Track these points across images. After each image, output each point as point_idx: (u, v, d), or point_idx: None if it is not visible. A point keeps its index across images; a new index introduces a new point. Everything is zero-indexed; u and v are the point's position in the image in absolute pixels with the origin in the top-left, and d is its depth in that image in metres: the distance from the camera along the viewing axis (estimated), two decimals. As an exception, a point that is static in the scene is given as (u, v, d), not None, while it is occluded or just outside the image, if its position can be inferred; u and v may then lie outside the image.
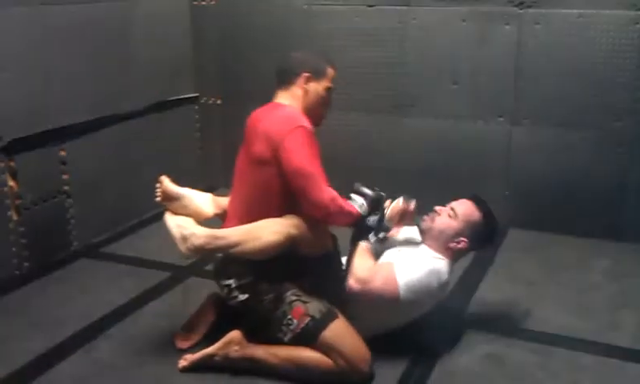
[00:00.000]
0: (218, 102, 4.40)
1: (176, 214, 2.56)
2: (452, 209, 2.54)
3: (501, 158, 3.76)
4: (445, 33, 3.73)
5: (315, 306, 2.34)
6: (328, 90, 2.56)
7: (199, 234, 2.37)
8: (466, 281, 3.08)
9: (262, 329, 2.43)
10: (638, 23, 3.35)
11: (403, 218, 2.57)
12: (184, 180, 4.31)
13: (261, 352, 2.38)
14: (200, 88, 4.40)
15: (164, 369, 2.44)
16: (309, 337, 2.32)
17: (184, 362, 2.43)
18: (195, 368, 2.41)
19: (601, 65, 3.46)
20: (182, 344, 2.57)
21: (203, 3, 4.26)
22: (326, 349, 2.31)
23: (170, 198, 2.58)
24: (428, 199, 2.67)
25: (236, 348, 2.39)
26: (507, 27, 3.60)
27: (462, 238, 2.51)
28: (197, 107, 4.42)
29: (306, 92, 2.52)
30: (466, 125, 3.78)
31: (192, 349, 2.52)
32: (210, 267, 3.26)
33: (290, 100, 2.54)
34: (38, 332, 2.69)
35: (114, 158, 3.76)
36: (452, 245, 2.51)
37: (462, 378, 2.43)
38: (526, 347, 2.61)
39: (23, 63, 3.14)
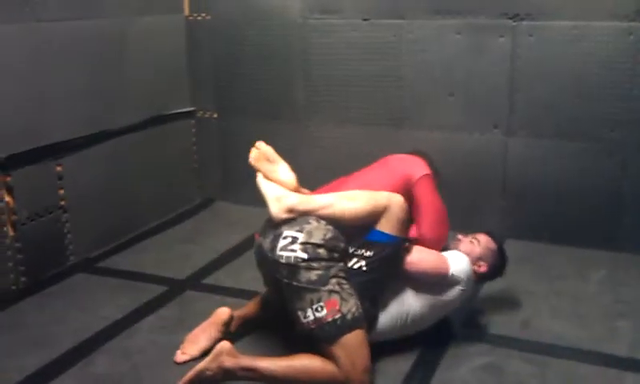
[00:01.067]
0: (215, 116, 4.41)
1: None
2: (475, 238, 2.81)
3: (497, 169, 3.77)
4: (440, 46, 3.75)
5: (350, 307, 2.33)
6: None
7: (291, 194, 2.49)
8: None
9: (287, 304, 2.41)
10: (631, 34, 3.37)
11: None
12: (180, 193, 4.36)
13: (258, 361, 2.33)
14: (196, 102, 4.41)
15: (162, 382, 2.43)
16: (330, 333, 2.30)
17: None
18: None
19: (594, 76, 3.47)
20: (180, 357, 2.56)
21: (198, 18, 4.28)
22: (338, 352, 2.29)
23: (267, 158, 2.64)
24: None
25: (228, 358, 2.31)
26: (501, 39, 3.62)
27: (483, 263, 2.75)
28: (193, 121, 4.43)
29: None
30: (462, 136, 3.79)
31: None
32: (207, 280, 3.30)
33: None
34: (34, 348, 2.68)
35: (111, 173, 3.76)
36: (474, 267, 2.71)
37: (461, 381, 2.42)
38: (523, 357, 2.61)
39: (19, 79, 3.15)
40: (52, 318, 2.94)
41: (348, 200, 2.47)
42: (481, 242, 2.80)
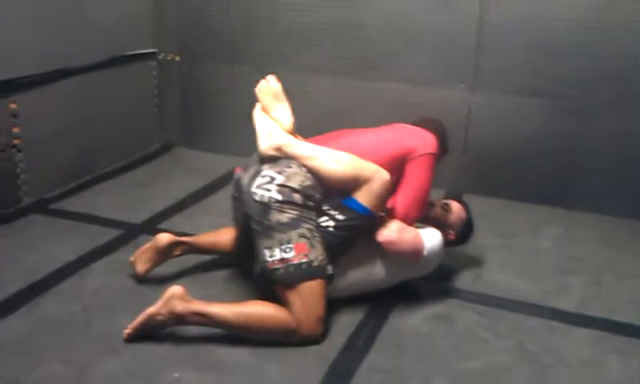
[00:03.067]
0: (177, 58, 4.31)
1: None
2: (446, 204, 2.82)
3: (460, 125, 3.77)
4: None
5: (317, 255, 2.34)
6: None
7: (284, 134, 2.49)
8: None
9: (254, 241, 2.41)
10: (600, -4, 3.37)
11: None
12: (140, 137, 4.28)
13: (210, 306, 2.31)
14: (159, 44, 4.31)
15: (111, 326, 2.41)
16: (293, 276, 2.31)
17: (128, 330, 2.32)
18: (141, 333, 2.32)
19: (561, 33, 3.46)
20: (141, 268, 2.67)
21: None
22: (294, 298, 2.30)
23: (273, 93, 2.62)
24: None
25: (179, 302, 2.29)
26: (470, -8, 3.58)
27: (452, 232, 2.78)
28: (155, 64, 4.33)
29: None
30: (428, 90, 3.77)
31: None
32: (163, 225, 3.27)
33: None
34: (-18, 288, 2.63)
35: (69, 113, 3.67)
36: (443, 234, 2.70)
37: (410, 338, 2.45)
38: (474, 309, 2.65)
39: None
40: (2, 257, 2.89)
41: (335, 160, 2.44)
42: (453, 211, 2.81)
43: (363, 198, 2.43)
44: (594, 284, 2.89)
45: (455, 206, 2.84)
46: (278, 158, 2.46)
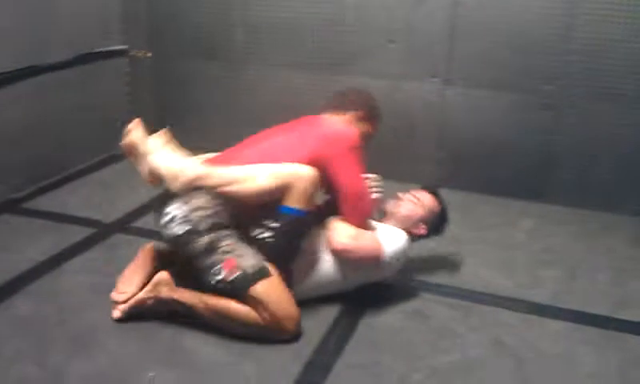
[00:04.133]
0: (149, 55, 4.26)
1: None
2: (417, 198, 2.73)
3: (433, 118, 3.78)
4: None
5: (248, 261, 2.33)
6: (369, 136, 2.72)
7: (190, 170, 2.42)
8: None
9: (193, 273, 2.40)
10: (569, -13, 3.39)
11: None
12: (112, 135, 4.21)
13: (189, 296, 2.36)
14: (129, 40, 4.25)
15: (84, 325, 2.39)
16: (236, 290, 2.31)
17: (118, 312, 2.41)
18: (129, 315, 2.40)
19: (534, 27, 3.49)
20: (118, 297, 2.48)
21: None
22: (254, 303, 2.30)
23: (135, 150, 2.58)
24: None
25: (165, 289, 2.37)
26: (443, -13, 3.59)
27: (423, 226, 2.70)
28: (126, 60, 4.28)
29: (358, 125, 2.68)
30: (401, 84, 3.77)
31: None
32: (136, 224, 3.23)
33: (341, 124, 2.67)
34: (-49, 289, 2.58)
35: (39, 111, 3.62)
36: (414, 230, 2.67)
37: (386, 334, 2.45)
38: (449, 303, 2.66)
39: None
40: (-29, 259, 2.84)
41: (252, 178, 2.39)
42: (425, 204, 2.72)
43: (292, 201, 2.39)
44: (568, 277, 2.92)
45: (426, 197, 2.75)
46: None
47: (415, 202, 2.71)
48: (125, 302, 2.44)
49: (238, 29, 4.02)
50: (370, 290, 2.66)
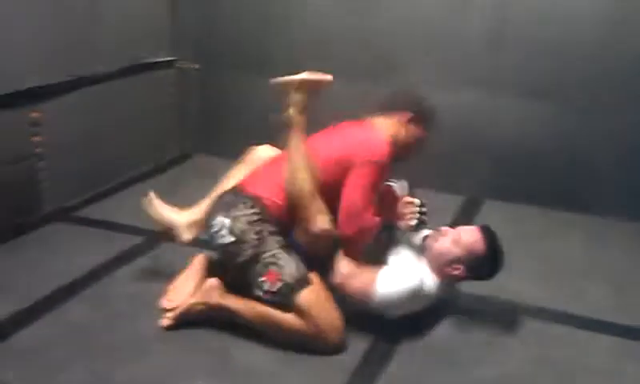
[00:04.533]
0: (196, 66, 4.34)
1: None
2: (459, 234, 2.49)
3: (476, 129, 3.76)
4: (421, 1, 3.73)
5: (289, 272, 2.35)
6: (418, 141, 2.65)
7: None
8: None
9: (241, 285, 2.44)
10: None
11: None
12: (160, 144, 4.31)
13: (237, 302, 2.41)
14: (177, 52, 4.34)
15: (133, 333, 2.44)
16: (281, 300, 2.33)
17: (167, 320, 2.47)
18: (178, 324, 2.46)
19: (576, 36, 3.47)
20: (168, 304, 2.53)
21: (182, -34, 4.19)
22: (299, 312, 2.31)
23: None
24: (400, 172, 2.68)
25: (215, 295, 2.44)
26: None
27: (459, 266, 2.45)
28: (174, 72, 4.36)
29: (404, 129, 2.61)
30: (440, 94, 3.72)
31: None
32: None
33: (384, 127, 2.61)
34: (6, 295, 2.65)
35: (89, 121, 3.70)
36: (447, 270, 2.47)
37: (429, 346, 2.45)
38: (494, 316, 2.64)
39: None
40: (25, 266, 2.92)
41: (299, 180, 2.43)
42: (464, 244, 2.44)
43: (303, 240, 2.43)
44: (616, 291, 2.87)
45: (470, 236, 2.47)
46: (226, 204, 2.49)
47: (453, 240, 2.47)
48: (174, 309, 2.49)
49: (280, 41, 4.07)
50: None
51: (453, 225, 2.72)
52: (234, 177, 2.72)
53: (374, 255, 2.55)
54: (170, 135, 4.42)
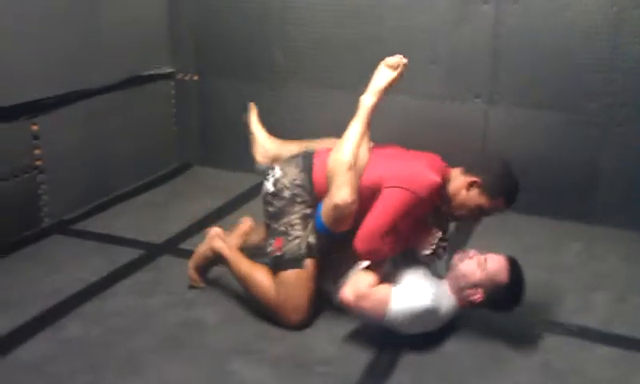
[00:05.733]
0: (195, 78, 4.34)
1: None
2: (485, 260, 2.46)
3: (477, 139, 3.75)
4: (423, 12, 3.71)
5: (291, 247, 2.54)
6: (479, 208, 2.54)
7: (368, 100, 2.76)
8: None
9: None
10: (614, 6, 3.34)
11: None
12: (159, 156, 4.30)
13: (231, 254, 2.70)
14: (176, 64, 4.34)
15: (133, 347, 2.43)
16: (272, 265, 2.59)
17: (194, 283, 2.85)
18: (200, 275, 2.84)
19: (577, 46, 3.45)
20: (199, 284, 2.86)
21: (179, -23, 4.19)
22: (277, 283, 2.54)
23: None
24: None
25: (217, 240, 2.74)
26: (485, 7, 3.58)
27: (479, 291, 2.44)
28: (172, 83, 4.36)
29: (465, 190, 2.53)
30: (443, 105, 3.76)
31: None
32: (184, 245, 3.28)
33: (451, 178, 2.57)
34: (5, 310, 2.65)
35: (88, 134, 3.70)
36: (467, 292, 2.46)
37: (433, 358, 2.44)
38: (497, 327, 2.62)
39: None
40: (24, 280, 2.91)
41: (345, 152, 2.54)
42: (488, 270, 2.43)
43: (324, 210, 2.52)
44: (618, 301, 2.86)
45: (496, 264, 2.45)
46: (292, 158, 2.70)
47: (479, 264, 2.45)
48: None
49: (278, 50, 4.06)
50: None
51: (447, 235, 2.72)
52: (324, 142, 2.84)
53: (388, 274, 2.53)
54: (170, 147, 4.41)
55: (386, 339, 2.50)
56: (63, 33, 3.45)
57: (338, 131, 2.85)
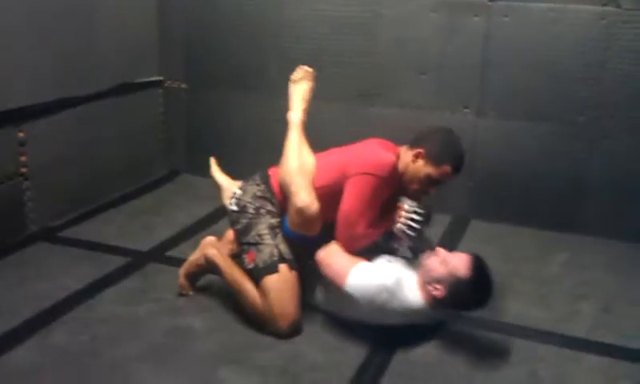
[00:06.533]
0: (183, 86, 4.34)
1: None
2: (448, 256, 2.52)
3: (466, 149, 3.75)
4: (414, 23, 3.73)
5: (263, 256, 2.59)
6: (428, 178, 2.61)
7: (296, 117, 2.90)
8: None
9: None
10: (604, 19, 3.38)
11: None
12: (146, 164, 4.29)
13: (223, 262, 2.71)
14: (164, 72, 4.33)
15: (120, 355, 2.41)
16: (253, 276, 2.61)
17: (184, 291, 2.84)
18: (189, 279, 2.84)
19: (566, 59, 3.49)
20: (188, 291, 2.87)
21: (169, -16, 4.19)
22: (261, 293, 2.56)
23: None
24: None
25: (211, 248, 2.76)
26: (476, 19, 3.61)
27: (440, 286, 2.46)
28: (161, 91, 4.35)
29: (412, 162, 2.62)
30: (432, 115, 3.77)
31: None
32: (171, 253, 3.27)
33: (400, 155, 2.67)
34: (-8, 317, 2.62)
35: (75, 141, 3.68)
36: (429, 287, 2.49)
37: (420, 366, 2.44)
38: (484, 336, 2.64)
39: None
40: (9, 287, 2.88)
41: (291, 159, 2.70)
42: (450, 266, 2.46)
43: (290, 220, 2.60)
44: (604, 310, 2.88)
45: (458, 261, 2.48)
46: (251, 177, 2.81)
47: (442, 260, 2.49)
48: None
49: (270, 60, 4.07)
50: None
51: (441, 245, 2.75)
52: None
53: (366, 255, 2.63)
54: (158, 154, 4.40)
55: (375, 347, 2.51)
56: (51, 40, 3.44)
57: (329, 144, 2.87)
